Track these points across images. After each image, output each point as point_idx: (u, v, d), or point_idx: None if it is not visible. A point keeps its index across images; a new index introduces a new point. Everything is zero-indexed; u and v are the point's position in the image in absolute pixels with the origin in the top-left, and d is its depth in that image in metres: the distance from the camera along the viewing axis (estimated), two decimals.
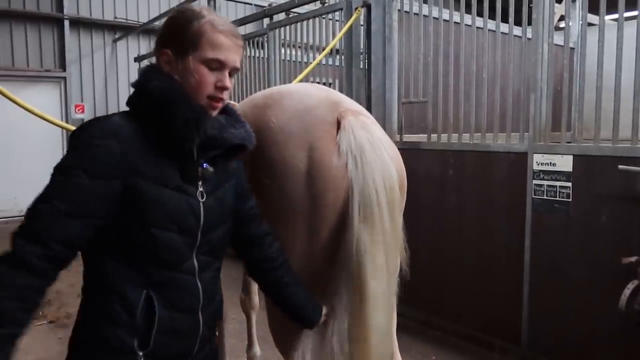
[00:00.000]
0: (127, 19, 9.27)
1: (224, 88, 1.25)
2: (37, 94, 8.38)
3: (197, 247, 1.28)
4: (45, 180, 1.15)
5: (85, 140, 1.15)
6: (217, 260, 1.39)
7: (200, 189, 1.28)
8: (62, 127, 4.06)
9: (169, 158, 1.23)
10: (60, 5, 8.63)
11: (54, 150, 8.61)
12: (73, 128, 3.95)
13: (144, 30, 9.02)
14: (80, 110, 8.89)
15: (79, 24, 8.86)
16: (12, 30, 8.28)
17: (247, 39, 5.53)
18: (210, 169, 1.29)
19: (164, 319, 1.22)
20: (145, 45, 9.45)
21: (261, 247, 1.48)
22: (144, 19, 9.21)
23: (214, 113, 1.28)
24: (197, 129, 1.20)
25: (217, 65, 1.24)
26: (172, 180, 1.22)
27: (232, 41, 1.26)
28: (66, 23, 8.65)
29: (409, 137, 3.87)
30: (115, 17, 9.22)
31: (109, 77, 9.27)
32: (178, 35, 1.25)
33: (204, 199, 1.28)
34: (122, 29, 9.22)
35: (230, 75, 1.28)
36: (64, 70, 8.73)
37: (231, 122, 1.33)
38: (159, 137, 1.21)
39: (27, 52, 8.44)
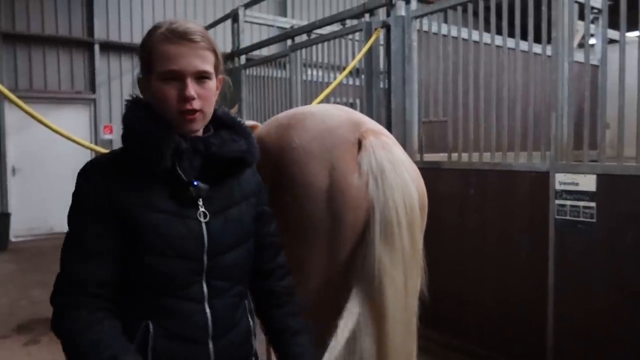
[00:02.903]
0: None
1: (187, 99, 1.15)
2: (68, 116, 8.69)
3: (206, 271, 1.21)
4: None
5: (77, 184, 1.20)
6: (237, 285, 1.30)
7: (202, 209, 1.21)
8: (88, 148, 4.20)
9: (159, 183, 1.19)
10: (91, 30, 8.97)
11: None
12: (99, 149, 4.10)
13: None
14: (109, 131, 9.15)
15: (108, 47, 9.17)
16: (45, 54, 8.64)
17: (269, 60, 5.64)
18: (204, 186, 1.21)
19: (162, 349, 1.16)
20: None
21: (269, 280, 1.41)
22: None
23: (193, 125, 1.19)
24: (158, 151, 1.14)
25: (174, 76, 1.15)
26: (164, 205, 1.18)
27: (185, 45, 1.15)
28: (96, 47, 8.97)
29: (429, 157, 3.86)
30: None
31: None
32: (141, 57, 1.22)
33: (207, 219, 1.22)
34: None
35: (202, 79, 1.18)
36: (94, 92, 9.02)
37: (232, 136, 1.27)
38: (142, 165, 1.18)
39: (59, 75, 8.77)
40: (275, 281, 1.42)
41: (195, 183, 1.20)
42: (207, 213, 1.22)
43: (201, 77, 1.18)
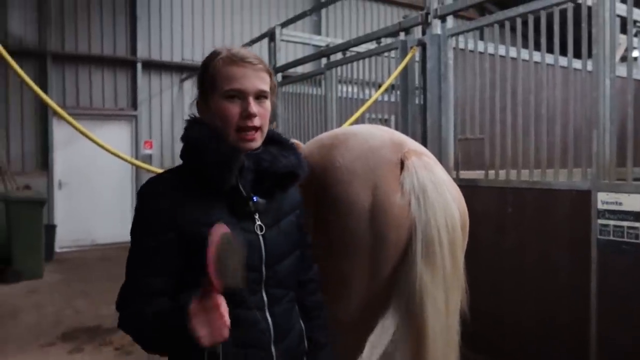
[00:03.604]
0: (193, 60, 9.90)
1: (250, 115, 1.25)
2: (111, 131, 9.06)
3: (265, 281, 1.30)
4: (116, 213, 1.29)
5: (138, 204, 1.28)
6: (290, 292, 1.38)
7: (259, 222, 1.29)
8: (133, 164, 4.39)
9: (219, 200, 1.26)
10: (133, 49, 9.37)
11: (124, 185, 9.19)
12: (147, 166, 4.26)
13: None
14: (149, 147, 9.47)
15: (150, 66, 9.55)
16: (91, 73, 9.07)
17: (305, 77, 5.75)
18: (262, 201, 1.30)
19: (232, 356, 1.23)
20: None
21: (301, 292, 1.46)
22: None
23: (253, 144, 1.29)
24: (229, 170, 1.23)
25: (237, 95, 1.26)
26: (226, 220, 1.23)
27: (247, 67, 1.27)
28: (139, 66, 9.36)
29: (465, 174, 3.84)
30: (183, 59, 9.87)
31: (175, 115, 9.86)
32: (201, 81, 1.34)
33: (263, 232, 1.30)
34: (188, 70, 9.84)
35: (260, 99, 1.28)
36: (135, 109, 9.38)
37: (281, 151, 1.36)
38: (204, 182, 1.26)
39: (103, 92, 9.18)
40: (307, 294, 1.48)
41: (254, 199, 1.29)
42: (263, 226, 1.30)
43: (260, 96, 1.29)
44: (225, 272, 1.07)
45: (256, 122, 1.27)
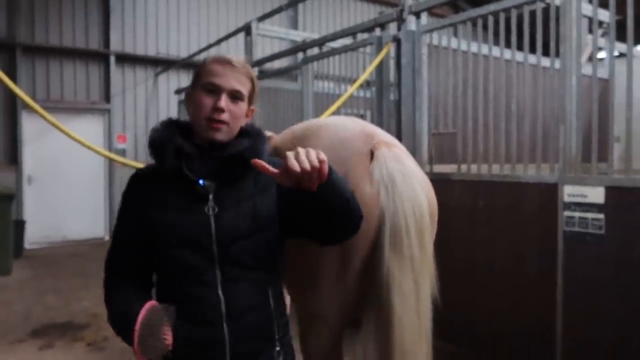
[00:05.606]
0: (168, 54, 9.76)
1: (219, 109, 1.34)
2: (83, 125, 8.84)
3: (218, 259, 1.35)
4: (88, 208, 1.39)
5: (124, 189, 1.49)
6: (255, 271, 1.39)
7: (211, 204, 1.36)
8: (107, 157, 4.33)
9: (173, 185, 1.38)
10: (107, 42, 9.18)
11: (96, 180, 9.01)
12: (116, 157, 4.21)
13: (184, 64, 9.46)
14: (122, 141, 9.31)
15: (124, 59, 9.37)
16: (62, 66, 8.85)
17: (282, 72, 5.75)
18: (209, 184, 1.37)
19: (183, 331, 1.29)
20: (185, 78, 9.89)
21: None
22: (184, 54, 9.67)
23: (218, 134, 1.36)
24: (162, 152, 1.37)
25: (213, 88, 1.36)
26: (176, 203, 1.37)
27: (228, 68, 1.37)
28: (112, 59, 9.17)
29: (439, 168, 3.90)
30: (158, 53, 9.72)
31: (150, 109, 9.71)
32: (194, 76, 1.45)
33: (215, 212, 1.36)
34: (163, 64, 9.70)
35: (235, 99, 1.37)
36: (109, 102, 9.20)
37: (240, 139, 1.41)
38: (158, 167, 1.41)
39: (75, 85, 8.97)
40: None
41: (200, 182, 1.37)
42: (216, 207, 1.37)
43: (235, 96, 1.38)
44: (146, 349, 1.22)
45: (224, 117, 1.35)
